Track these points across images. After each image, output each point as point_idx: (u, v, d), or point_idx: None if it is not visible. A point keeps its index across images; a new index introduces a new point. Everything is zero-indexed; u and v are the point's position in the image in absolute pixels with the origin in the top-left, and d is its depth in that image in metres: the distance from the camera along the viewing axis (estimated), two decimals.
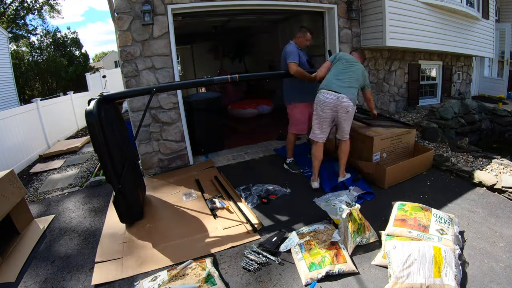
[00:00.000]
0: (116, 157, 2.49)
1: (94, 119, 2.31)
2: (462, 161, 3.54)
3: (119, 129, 2.73)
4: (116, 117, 2.81)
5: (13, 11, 17.16)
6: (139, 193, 2.95)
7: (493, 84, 8.67)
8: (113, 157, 2.45)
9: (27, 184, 4.24)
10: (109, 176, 2.51)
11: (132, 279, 2.08)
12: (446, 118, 4.83)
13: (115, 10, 3.46)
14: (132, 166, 2.85)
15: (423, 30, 5.07)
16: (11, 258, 2.42)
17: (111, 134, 2.47)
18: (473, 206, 2.64)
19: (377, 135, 3.19)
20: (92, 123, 2.32)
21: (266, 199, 3.00)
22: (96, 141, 2.37)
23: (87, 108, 2.37)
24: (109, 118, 2.50)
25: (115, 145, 2.50)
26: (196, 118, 4.38)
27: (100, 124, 2.34)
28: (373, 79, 5.35)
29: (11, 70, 11.25)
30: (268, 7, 4.28)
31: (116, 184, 2.50)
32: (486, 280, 1.83)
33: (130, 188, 2.69)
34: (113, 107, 2.83)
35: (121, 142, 2.70)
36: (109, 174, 2.49)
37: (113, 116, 2.70)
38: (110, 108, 2.65)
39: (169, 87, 3.34)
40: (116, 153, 2.49)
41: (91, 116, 2.32)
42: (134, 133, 3.79)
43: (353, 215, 2.29)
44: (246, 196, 3.07)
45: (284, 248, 2.22)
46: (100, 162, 2.51)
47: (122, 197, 2.57)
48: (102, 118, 2.37)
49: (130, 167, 2.68)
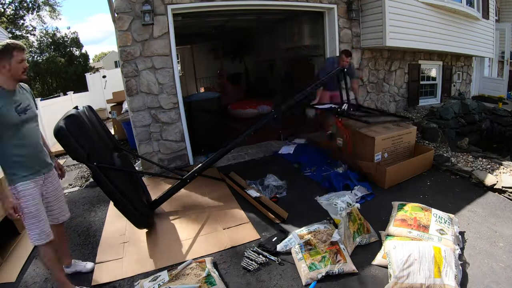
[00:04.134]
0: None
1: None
2: (462, 161, 3.53)
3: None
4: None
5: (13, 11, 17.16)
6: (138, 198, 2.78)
7: (493, 84, 8.65)
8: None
9: None
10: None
11: (132, 279, 2.08)
12: (446, 118, 4.83)
13: (115, 10, 3.46)
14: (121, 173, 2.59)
15: (423, 30, 5.07)
16: (11, 258, 2.42)
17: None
18: (473, 206, 2.64)
19: (378, 135, 3.19)
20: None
21: (273, 197, 3.03)
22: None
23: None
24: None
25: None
26: (196, 118, 4.38)
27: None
28: (373, 79, 5.35)
29: None
30: (268, 7, 4.29)
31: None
32: (486, 280, 1.83)
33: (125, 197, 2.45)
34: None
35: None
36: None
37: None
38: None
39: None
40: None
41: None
42: (134, 133, 3.81)
43: (353, 214, 2.29)
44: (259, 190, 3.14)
45: (282, 248, 2.19)
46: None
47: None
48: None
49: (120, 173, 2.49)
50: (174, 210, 2.99)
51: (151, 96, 3.75)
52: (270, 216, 2.64)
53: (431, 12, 5.12)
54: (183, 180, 2.81)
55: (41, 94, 15.60)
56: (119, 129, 5.91)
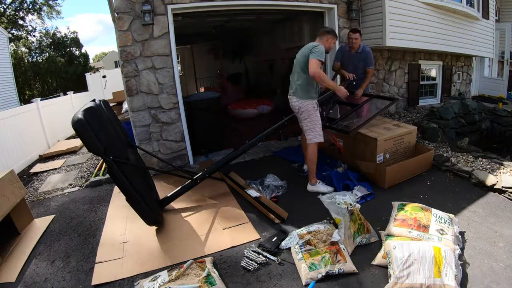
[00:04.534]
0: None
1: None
2: (462, 161, 3.53)
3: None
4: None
5: (13, 11, 17.16)
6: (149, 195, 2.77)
7: (493, 84, 8.67)
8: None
9: (27, 184, 4.24)
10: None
11: (132, 279, 2.08)
12: (446, 118, 4.82)
13: (115, 10, 3.46)
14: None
15: (423, 30, 5.07)
16: (11, 258, 2.42)
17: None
18: (473, 206, 2.64)
19: (380, 136, 3.19)
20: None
21: (275, 197, 3.03)
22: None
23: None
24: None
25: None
26: (196, 118, 4.38)
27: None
28: (373, 79, 5.35)
29: (11, 70, 11.26)
30: (268, 7, 4.28)
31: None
32: (486, 280, 1.83)
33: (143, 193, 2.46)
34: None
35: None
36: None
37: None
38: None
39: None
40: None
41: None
42: (134, 133, 3.80)
43: (354, 214, 2.29)
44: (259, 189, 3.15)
45: (285, 245, 2.23)
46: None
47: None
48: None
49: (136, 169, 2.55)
50: (174, 210, 2.99)
51: (151, 96, 3.75)
52: (270, 216, 2.64)
53: (431, 12, 5.12)
54: (193, 180, 2.86)
55: (41, 94, 15.61)
56: None
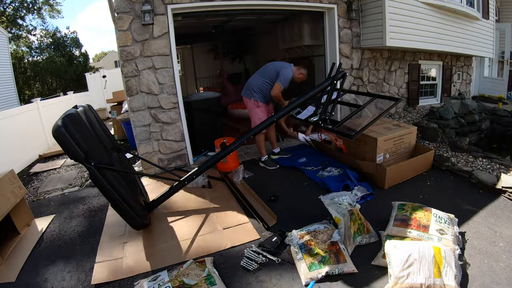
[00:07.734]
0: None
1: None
2: (462, 161, 3.53)
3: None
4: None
5: (13, 11, 17.16)
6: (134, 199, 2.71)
7: (493, 84, 8.67)
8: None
9: (27, 184, 4.24)
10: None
11: (132, 279, 2.08)
12: (446, 118, 4.82)
13: (115, 10, 3.46)
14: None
15: (423, 30, 5.07)
16: (11, 258, 2.42)
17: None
18: (473, 206, 2.63)
19: (380, 136, 3.19)
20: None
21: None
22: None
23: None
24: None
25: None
26: (196, 118, 4.38)
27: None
28: (373, 79, 5.36)
29: (11, 70, 11.27)
30: (268, 7, 4.29)
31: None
32: (486, 280, 1.83)
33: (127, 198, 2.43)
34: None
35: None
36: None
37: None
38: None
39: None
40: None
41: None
42: (134, 133, 3.81)
43: (354, 214, 2.29)
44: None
45: (285, 245, 2.25)
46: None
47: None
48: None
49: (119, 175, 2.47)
50: (173, 210, 2.99)
51: (151, 96, 3.75)
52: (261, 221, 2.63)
53: (431, 12, 5.12)
54: (181, 182, 2.82)
55: (41, 94, 15.60)
56: (119, 129, 5.91)
